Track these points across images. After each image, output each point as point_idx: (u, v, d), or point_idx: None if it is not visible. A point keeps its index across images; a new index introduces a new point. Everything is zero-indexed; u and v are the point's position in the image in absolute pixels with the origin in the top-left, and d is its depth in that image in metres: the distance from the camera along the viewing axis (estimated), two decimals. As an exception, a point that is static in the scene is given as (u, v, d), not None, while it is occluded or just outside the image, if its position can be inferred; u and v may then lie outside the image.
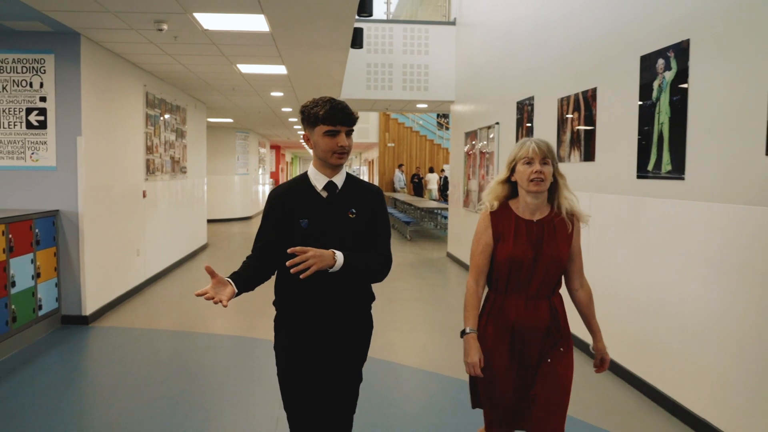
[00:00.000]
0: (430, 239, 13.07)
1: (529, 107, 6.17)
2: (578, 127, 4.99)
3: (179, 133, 8.93)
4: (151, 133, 7.50)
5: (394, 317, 6.05)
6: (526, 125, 6.26)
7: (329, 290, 2.15)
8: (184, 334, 5.43)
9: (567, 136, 5.20)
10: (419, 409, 3.85)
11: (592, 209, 4.51)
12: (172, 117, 8.50)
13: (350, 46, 6.17)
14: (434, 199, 18.36)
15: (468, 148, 8.96)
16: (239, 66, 7.09)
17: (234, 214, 16.73)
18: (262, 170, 20.45)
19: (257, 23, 5.06)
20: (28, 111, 5.35)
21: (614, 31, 4.43)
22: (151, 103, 7.47)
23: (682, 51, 3.56)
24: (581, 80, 4.94)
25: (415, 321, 6.06)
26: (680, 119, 3.56)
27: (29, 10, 4.59)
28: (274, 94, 9.51)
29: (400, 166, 20.17)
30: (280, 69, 7.20)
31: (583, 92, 4.89)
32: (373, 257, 2.22)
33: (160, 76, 7.73)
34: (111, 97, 6.19)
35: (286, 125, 15.59)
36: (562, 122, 5.31)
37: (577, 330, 2.64)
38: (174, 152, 8.64)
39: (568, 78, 5.22)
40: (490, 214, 2.33)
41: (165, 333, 5.50)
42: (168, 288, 7.48)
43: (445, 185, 18.15)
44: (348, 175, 2.27)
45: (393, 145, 20.21)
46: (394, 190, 19.86)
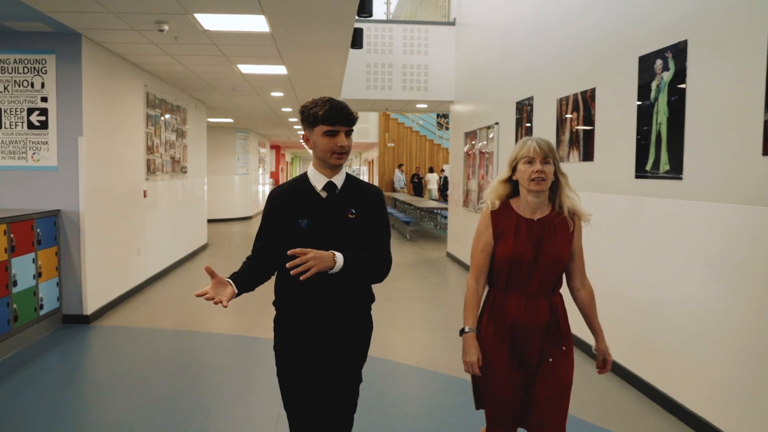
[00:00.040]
0: (430, 239, 13.09)
1: (529, 107, 6.19)
2: (577, 127, 5.01)
3: (180, 133, 8.95)
4: (152, 133, 7.52)
5: (393, 316, 6.07)
6: (526, 125, 6.28)
7: (329, 291, 2.15)
8: (185, 334, 5.45)
9: (566, 136, 5.22)
10: (419, 407, 3.86)
11: (592, 209, 4.50)
12: (172, 117, 8.52)
13: (350, 46, 6.19)
14: (434, 199, 18.38)
15: (468, 148, 8.98)
16: (239, 66, 7.11)
17: (234, 214, 16.75)
18: (262, 170, 20.47)
19: (258, 24, 5.08)
20: (30, 111, 5.37)
21: (613, 31, 4.45)
22: (151, 103, 7.49)
23: (679, 52, 3.58)
24: (580, 80, 4.96)
25: (414, 320, 6.08)
26: (678, 119, 3.58)
27: (31, 11, 4.61)
28: (274, 95, 9.53)
29: (400, 166, 20.18)
30: (280, 69, 7.22)
31: (582, 92, 4.91)
32: (373, 258, 2.21)
33: (160, 76, 7.75)
34: (112, 98, 6.21)
35: (286, 125, 15.61)
36: (561, 122, 5.33)
37: (577, 330, 2.65)
38: (174, 152, 8.66)
39: (567, 78, 5.24)
40: (491, 212, 2.32)
41: (165, 332, 5.52)
42: (168, 287, 7.50)
43: (444, 185, 18.17)
44: (348, 176, 2.26)
45: (393, 145, 20.22)
46: (394, 190, 19.87)
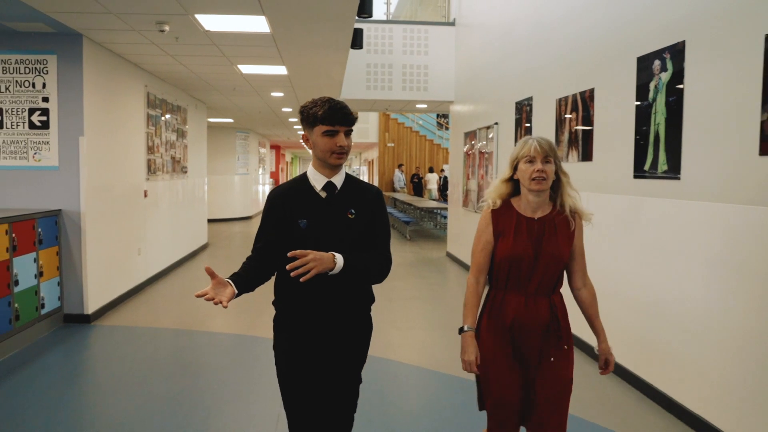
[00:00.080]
0: (430, 239, 13.11)
1: (528, 107, 6.21)
2: (576, 127, 5.03)
3: (180, 133, 8.97)
4: (153, 133, 7.55)
5: (393, 316, 6.10)
6: (525, 125, 6.30)
7: (329, 292, 2.14)
8: (185, 333, 5.47)
9: (565, 137, 5.24)
10: (418, 407, 3.89)
11: (592, 209, 4.50)
12: (173, 117, 8.54)
13: (350, 46, 6.21)
14: (434, 199, 18.40)
15: (467, 148, 9.00)
16: (240, 66, 7.13)
17: (234, 214, 16.77)
18: (262, 170, 20.49)
19: (258, 24, 5.10)
20: (31, 111, 5.39)
21: (611, 32, 4.48)
22: (152, 104, 7.51)
23: (677, 52, 3.60)
24: (579, 81, 4.98)
25: (414, 320, 6.10)
26: (676, 120, 3.61)
27: (32, 12, 4.63)
28: (275, 95, 9.55)
29: (400, 166, 20.19)
30: (280, 69, 7.25)
31: (581, 93, 4.93)
32: (373, 258, 2.21)
33: (161, 76, 7.77)
34: (113, 98, 6.23)
35: (286, 125, 15.63)
36: (560, 122, 5.36)
37: (577, 329, 2.65)
38: (175, 152, 8.68)
39: (566, 79, 5.26)
40: (492, 212, 2.33)
41: (166, 332, 5.54)
42: (169, 287, 7.52)
43: (444, 185, 18.18)
44: (347, 176, 2.26)
45: (393, 145, 20.24)
46: (394, 190, 19.88)
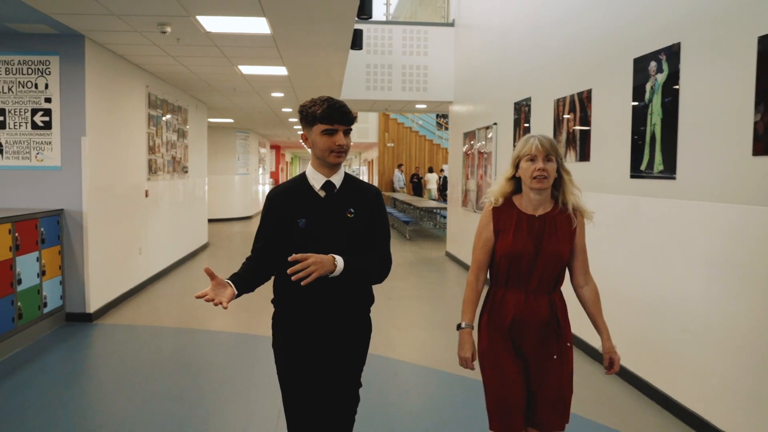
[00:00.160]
0: (429, 238, 13.15)
1: (527, 108, 6.25)
2: (574, 127, 5.08)
3: (181, 133, 9.01)
4: (154, 134, 7.59)
5: (393, 315, 6.14)
6: (524, 126, 6.35)
7: (328, 292, 2.14)
8: (186, 332, 5.52)
9: (563, 137, 5.28)
10: (418, 404, 3.93)
11: (591, 208, 4.57)
12: (173, 117, 8.58)
13: (350, 47, 6.25)
14: (433, 199, 18.44)
15: (466, 148, 9.04)
16: (240, 67, 7.17)
17: (234, 214, 16.81)
18: (262, 170, 20.53)
19: (259, 26, 5.14)
20: (34, 112, 5.44)
21: (609, 34, 4.52)
22: (153, 104, 7.55)
23: (673, 54, 3.65)
24: (577, 82, 5.03)
25: (413, 318, 6.14)
26: (672, 120, 3.65)
27: (35, 13, 4.67)
28: (275, 95, 9.59)
29: (400, 166, 20.23)
30: (280, 70, 7.29)
31: (578, 93, 4.98)
32: (373, 259, 2.20)
33: (162, 77, 7.81)
34: (114, 98, 6.28)
35: (286, 125, 15.67)
36: (558, 123, 5.40)
37: (576, 329, 2.67)
38: (175, 152, 8.73)
39: (564, 79, 5.30)
40: (493, 209, 2.33)
41: (167, 330, 5.59)
42: (170, 286, 7.56)
43: (444, 185, 18.22)
44: (346, 175, 2.25)
45: (392, 145, 20.27)
46: (394, 190, 19.91)
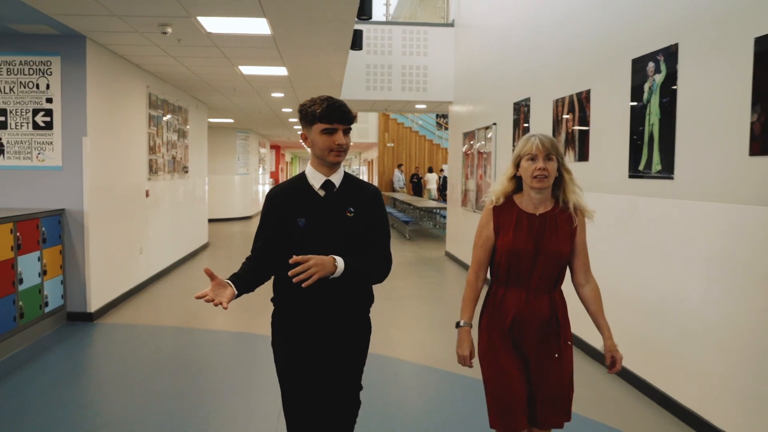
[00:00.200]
0: (429, 238, 13.18)
1: (526, 108, 6.28)
2: (573, 127, 5.10)
3: (181, 134, 9.04)
4: (154, 134, 7.61)
5: (393, 314, 6.16)
6: (523, 126, 6.37)
7: (328, 292, 2.13)
8: (187, 331, 5.54)
9: (562, 137, 5.31)
10: (417, 402, 3.95)
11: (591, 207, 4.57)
12: (174, 117, 8.61)
13: (350, 47, 6.28)
14: (433, 199, 18.46)
15: (466, 148, 9.06)
16: (241, 67, 7.19)
17: (234, 214, 16.83)
18: (262, 170, 20.56)
19: (259, 26, 5.17)
20: (35, 112, 5.46)
21: (607, 35, 4.54)
22: (153, 104, 7.57)
23: (671, 55, 3.67)
24: (576, 82, 5.05)
25: (414, 318, 6.17)
26: (669, 120, 3.68)
27: (37, 14, 4.70)
28: (275, 95, 9.62)
29: (400, 166, 20.26)
30: (280, 70, 7.31)
31: (577, 94, 5.00)
32: (373, 259, 2.20)
33: (162, 77, 7.84)
34: (115, 98, 6.30)
35: (286, 125, 15.69)
36: (557, 123, 5.43)
37: (575, 328, 2.68)
38: (176, 152, 8.75)
39: (563, 80, 5.33)
40: (493, 208, 2.34)
41: (168, 330, 5.61)
42: (170, 286, 7.59)
43: (444, 185, 18.25)
44: (346, 174, 2.25)
45: (392, 145, 20.30)
46: (394, 190, 19.94)
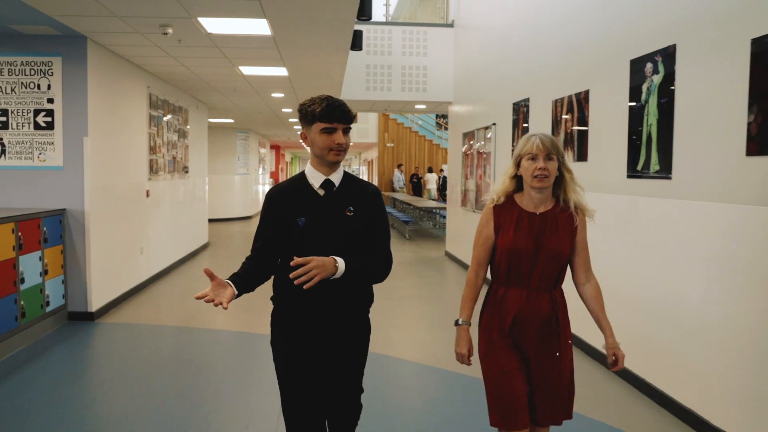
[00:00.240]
0: (429, 238, 13.20)
1: (525, 108, 6.30)
2: (572, 128, 5.12)
3: (181, 134, 9.06)
4: (154, 134, 7.63)
5: (393, 314, 6.18)
6: (522, 126, 6.40)
7: (327, 292, 2.13)
8: (187, 330, 5.56)
9: (561, 137, 5.33)
10: (417, 401, 3.97)
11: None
12: (174, 117, 8.63)
13: (350, 48, 6.30)
14: (433, 199, 18.49)
15: (466, 149, 9.09)
16: (241, 68, 7.22)
17: (234, 214, 16.85)
18: (262, 170, 20.58)
19: (259, 27, 5.19)
20: (36, 112, 5.48)
21: (606, 35, 4.57)
22: (154, 104, 7.60)
23: (668, 55, 3.69)
24: (574, 83, 5.08)
25: (413, 317, 6.19)
26: (667, 121, 3.70)
27: (39, 15, 4.72)
28: (275, 95, 9.64)
29: (399, 166, 20.28)
30: (281, 71, 7.34)
31: (576, 94, 5.03)
32: (374, 259, 2.21)
33: (163, 77, 7.86)
34: (116, 99, 6.32)
35: (286, 125, 15.71)
36: (556, 123, 5.45)
37: (575, 328, 2.68)
38: (176, 152, 8.77)
39: (562, 80, 5.35)
40: (494, 207, 2.34)
41: (168, 329, 5.63)
42: (171, 286, 7.61)
43: (443, 185, 18.27)
44: (345, 174, 2.26)
45: (392, 145, 20.33)
46: (393, 190, 19.96)
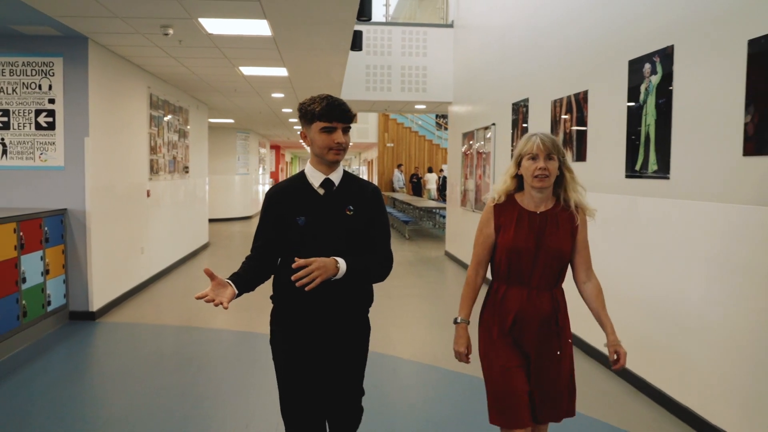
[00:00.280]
0: (429, 238, 13.22)
1: (524, 109, 6.33)
2: (571, 128, 5.15)
3: (182, 134, 9.08)
4: (155, 134, 7.66)
5: (393, 313, 6.21)
6: (522, 126, 6.42)
7: (327, 291, 2.12)
8: (188, 330, 5.58)
9: (560, 137, 5.35)
10: (417, 400, 3.99)
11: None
12: (174, 118, 8.65)
13: (350, 48, 6.32)
14: (433, 199, 18.52)
15: (465, 149, 9.11)
16: (241, 68, 7.24)
17: (234, 214, 16.87)
18: (262, 170, 20.60)
19: (260, 28, 5.21)
20: (38, 112, 5.50)
21: (604, 36, 4.59)
22: (154, 105, 7.62)
23: (666, 56, 3.72)
24: (573, 83, 5.10)
25: (413, 316, 6.21)
26: (665, 121, 3.72)
27: (40, 16, 4.74)
28: (275, 96, 9.66)
29: (399, 166, 20.30)
30: (281, 71, 7.36)
31: (575, 94, 5.05)
32: (374, 258, 2.21)
33: (163, 78, 7.88)
34: (117, 99, 6.35)
35: (286, 126, 15.74)
36: (555, 123, 5.47)
37: (574, 327, 2.70)
38: (176, 152, 8.79)
39: (561, 81, 5.38)
40: (494, 206, 2.35)
41: (169, 328, 5.65)
42: (171, 285, 7.63)
43: (443, 185, 18.29)
44: (345, 173, 2.27)
45: (392, 145, 20.35)
46: (393, 190, 19.99)
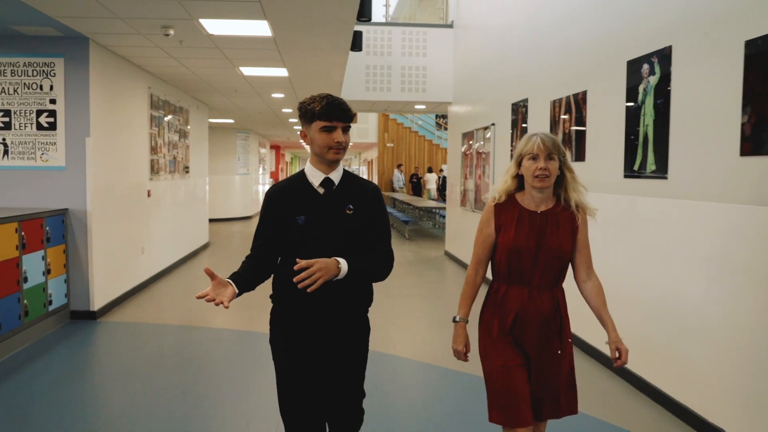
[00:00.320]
0: (429, 238, 13.24)
1: (524, 109, 6.35)
2: (570, 128, 5.17)
3: (182, 134, 9.10)
4: (156, 134, 7.68)
5: (393, 313, 6.23)
6: (521, 126, 6.44)
7: (327, 291, 2.11)
8: (188, 329, 5.61)
9: (559, 137, 5.37)
10: (417, 399, 4.02)
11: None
12: (175, 118, 8.67)
13: (350, 49, 6.34)
14: (433, 199, 18.54)
15: (465, 149, 9.13)
16: (242, 69, 7.26)
17: (234, 214, 16.88)
18: (262, 170, 20.62)
19: (260, 28, 5.23)
20: (39, 113, 5.53)
21: (603, 37, 4.61)
22: (155, 105, 7.64)
23: (665, 57, 3.74)
24: (572, 83, 5.12)
25: (413, 316, 6.23)
26: (663, 121, 3.75)
27: (41, 16, 4.76)
28: (275, 96, 9.68)
29: (399, 166, 20.33)
30: (281, 71, 7.38)
31: (574, 95, 5.07)
32: (375, 258, 2.21)
33: (164, 78, 7.90)
34: (117, 99, 6.37)
35: (286, 126, 15.76)
36: (554, 123, 5.50)
37: (574, 327, 2.72)
38: (177, 152, 8.81)
39: (560, 81, 5.40)
40: (495, 206, 2.35)
41: (170, 328, 5.67)
42: (172, 285, 7.65)
43: (443, 185, 18.31)
44: (345, 172, 2.27)
45: (392, 145, 20.37)
46: (393, 190, 20.01)
